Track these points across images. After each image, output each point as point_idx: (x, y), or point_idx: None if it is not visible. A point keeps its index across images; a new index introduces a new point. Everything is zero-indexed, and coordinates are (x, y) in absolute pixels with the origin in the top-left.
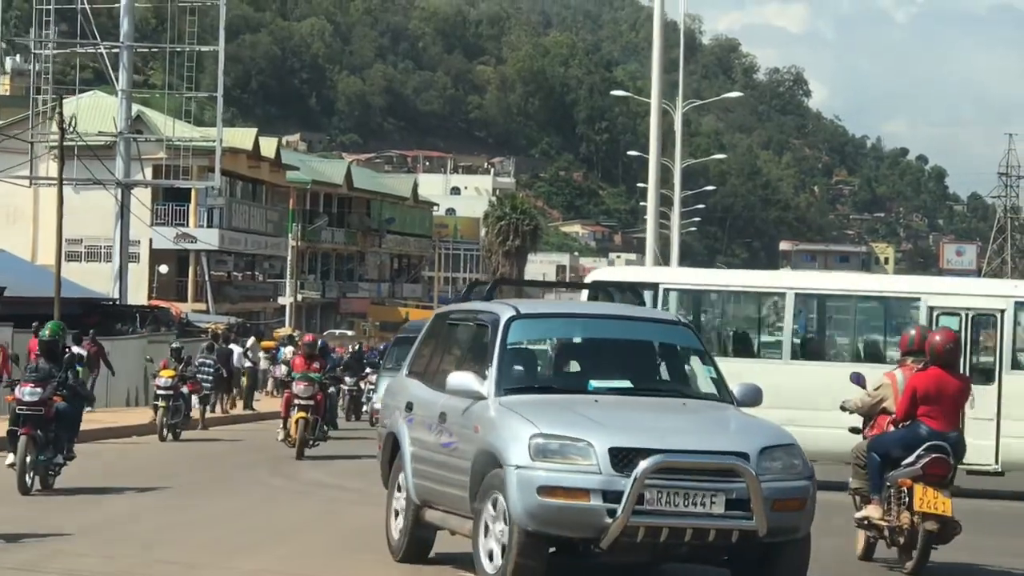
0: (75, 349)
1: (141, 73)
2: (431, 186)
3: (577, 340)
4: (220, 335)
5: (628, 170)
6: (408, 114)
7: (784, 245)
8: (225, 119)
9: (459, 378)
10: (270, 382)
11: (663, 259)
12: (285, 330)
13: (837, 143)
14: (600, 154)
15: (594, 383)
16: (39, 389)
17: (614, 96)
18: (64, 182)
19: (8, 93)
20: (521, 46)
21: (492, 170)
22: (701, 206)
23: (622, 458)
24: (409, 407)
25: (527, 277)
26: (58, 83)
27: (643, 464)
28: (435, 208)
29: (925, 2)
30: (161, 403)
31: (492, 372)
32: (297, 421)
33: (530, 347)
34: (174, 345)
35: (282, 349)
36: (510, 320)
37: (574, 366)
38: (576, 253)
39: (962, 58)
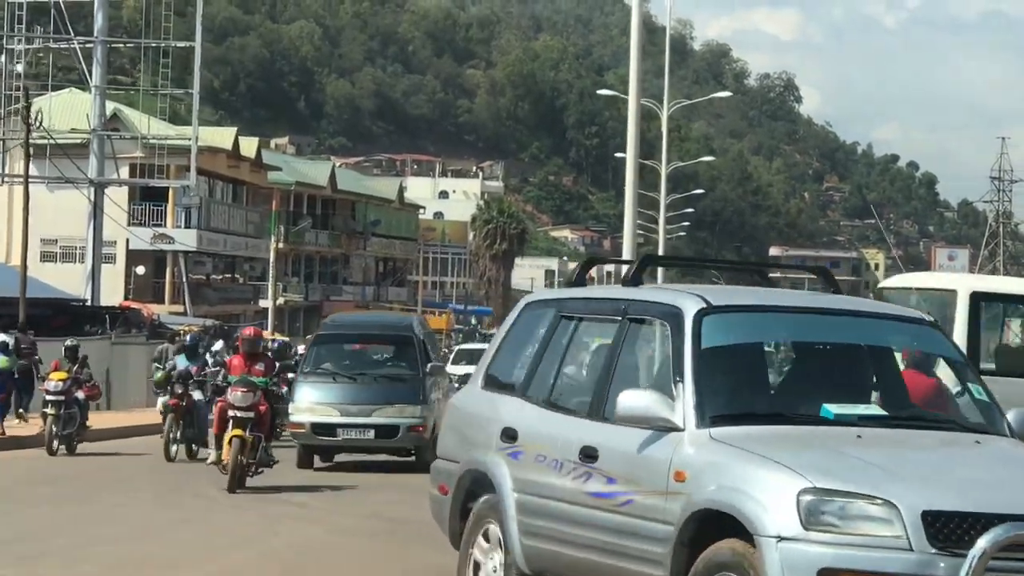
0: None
1: (129, 75)
2: (419, 189)
3: (801, 344)
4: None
5: (617, 174)
6: (397, 118)
7: (774, 250)
8: (212, 121)
9: (635, 400)
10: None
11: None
12: (264, 334)
13: (828, 149)
14: (590, 159)
15: (833, 409)
16: None
17: (604, 100)
18: (36, 180)
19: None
20: (511, 50)
21: (481, 174)
22: (690, 210)
23: (942, 527)
24: (510, 436)
25: (513, 282)
26: (42, 82)
27: (986, 539)
28: (422, 211)
29: (916, 8)
30: (51, 410)
31: (686, 391)
32: (231, 441)
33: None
34: (68, 343)
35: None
36: (700, 315)
37: (795, 382)
38: (565, 258)
39: (953, 64)
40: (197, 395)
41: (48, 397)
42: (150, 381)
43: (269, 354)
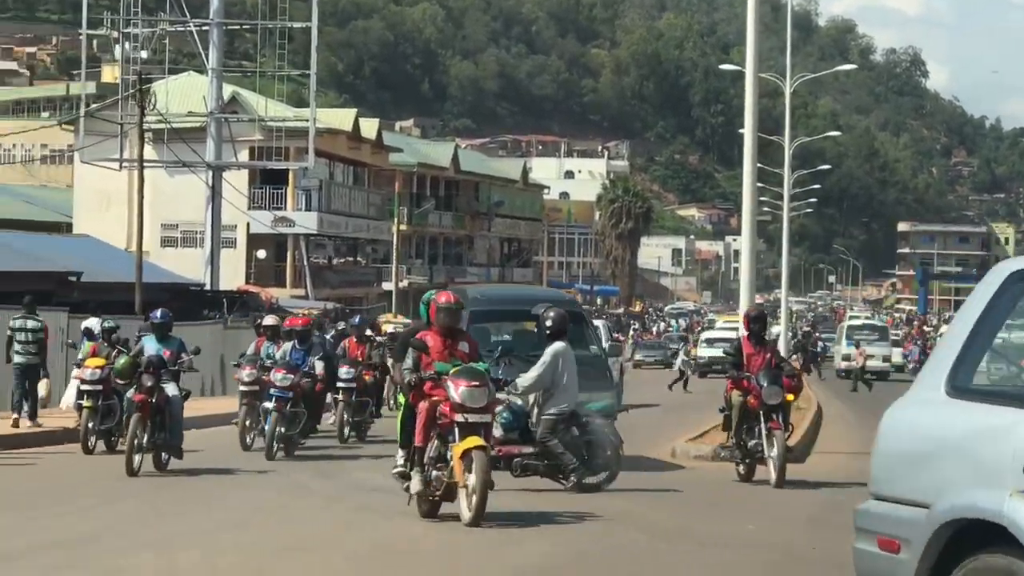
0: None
1: (252, 59)
2: (545, 170)
3: None
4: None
5: (744, 152)
6: (521, 99)
7: (903, 226)
8: (337, 104)
9: None
10: None
11: (774, 241)
12: (387, 317)
13: (955, 124)
14: (716, 137)
15: None
16: None
17: (729, 77)
18: (152, 164)
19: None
20: (635, 29)
21: (606, 154)
22: (817, 186)
23: None
24: None
25: (640, 261)
26: (164, 67)
27: None
28: (546, 191)
29: None
30: (87, 402)
31: None
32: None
33: None
34: (106, 324)
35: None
36: None
37: None
38: (692, 236)
39: None
40: (171, 389)
41: (83, 387)
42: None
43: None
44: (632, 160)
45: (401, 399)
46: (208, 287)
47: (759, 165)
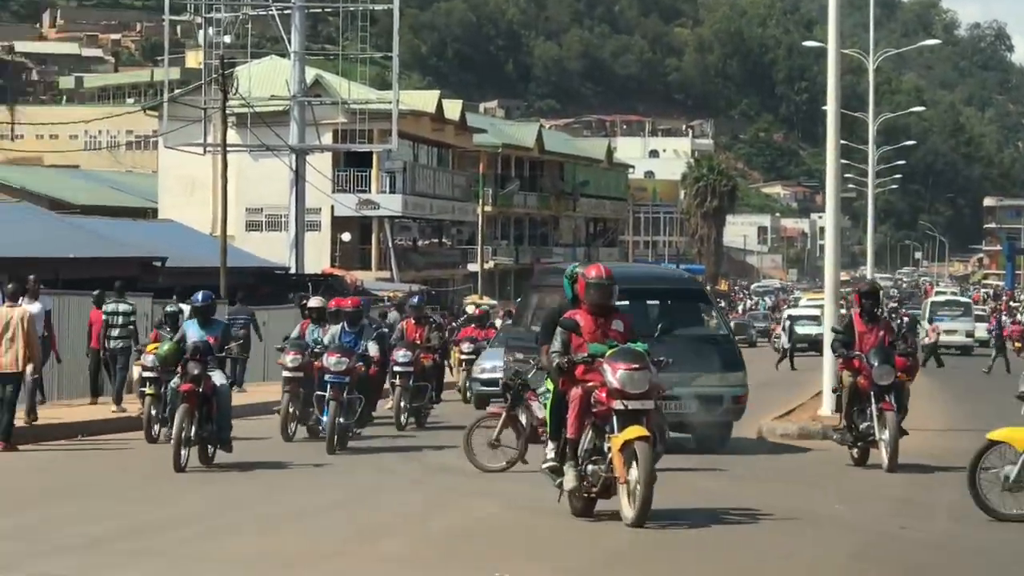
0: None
1: (337, 43)
2: (629, 149)
3: None
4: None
5: (827, 129)
6: (605, 78)
7: (989, 201)
8: (420, 87)
9: None
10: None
11: (860, 218)
12: (472, 298)
13: None
14: (800, 114)
15: None
16: None
17: (813, 55)
18: (235, 148)
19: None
20: (718, 7)
21: (691, 132)
22: (901, 162)
23: None
24: None
25: (725, 240)
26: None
27: None
28: (631, 170)
29: None
30: (149, 390)
31: None
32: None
33: None
34: (168, 308)
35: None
36: None
37: None
38: (778, 214)
39: None
40: (218, 378)
41: (145, 374)
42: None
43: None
44: (716, 138)
45: (549, 385)
46: (293, 271)
47: (843, 142)
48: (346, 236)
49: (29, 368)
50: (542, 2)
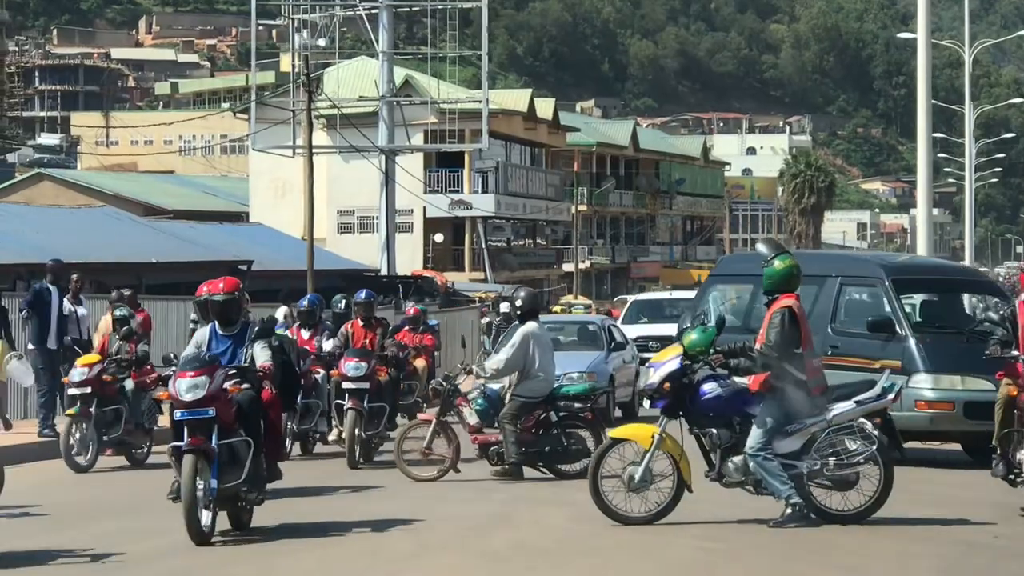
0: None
1: (434, 46)
2: (726, 147)
3: None
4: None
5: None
6: (702, 76)
7: None
8: (517, 87)
9: None
10: None
11: (960, 212)
12: (567, 298)
13: None
14: (899, 109)
15: None
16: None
17: (911, 49)
18: (323, 150)
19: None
20: (814, 3)
21: (788, 129)
22: (1001, 155)
23: None
24: None
25: (824, 236)
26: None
27: None
28: (727, 168)
29: None
30: (71, 411)
31: None
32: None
33: None
34: (116, 312)
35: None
36: None
37: None
38: (877, 210)
39: None
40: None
41: (72, 391)
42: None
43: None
44: (814, 135)
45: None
46: (385, 272)
47: (942, 135)
48: (438, 237)
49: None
50: (637, 1)
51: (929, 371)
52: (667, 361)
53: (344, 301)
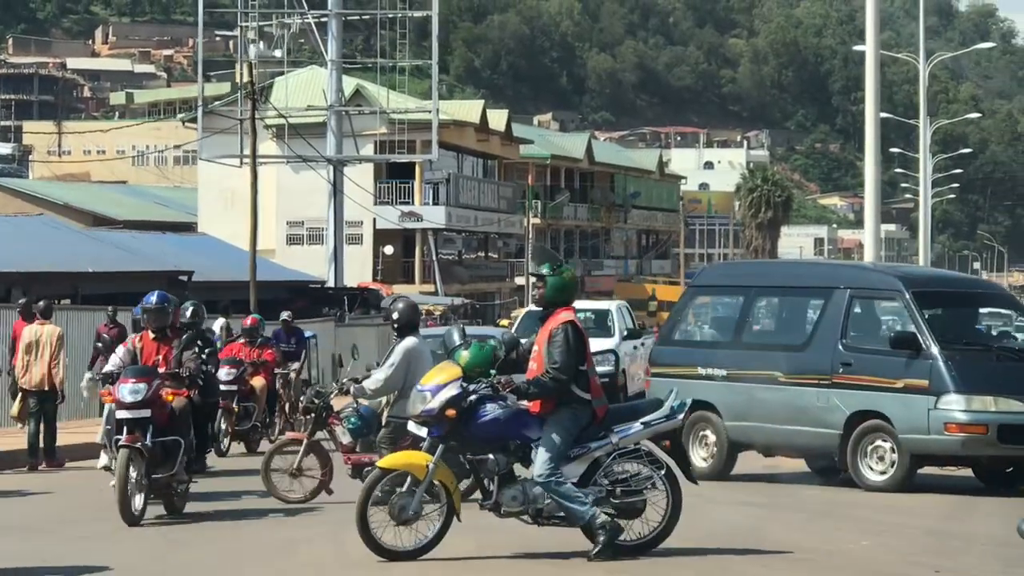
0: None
1: (388, 56)
2: (684, 161)
3: None
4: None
5: (885, 140)
6: (660, 90)
7: None
8: (474, 100)
9: None
10: None
11: (917, 228)
12: (518, 311)
13: None
14: (856, 124)
15: None
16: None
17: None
18: (273, 161)
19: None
20: (773, 17)
21: (746, 144)
22: (959, 171)
23: None
24: None
25: (780, 251)
26: (290, 59)
27: None
28: (684, 181)
29: None
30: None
31: None
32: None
33: None
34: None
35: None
36: None
37: None
38: (835, 225)
39: None
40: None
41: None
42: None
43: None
44: (772, 150)
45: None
46: (332, 284)
47: (900, 151)
48: (388, 249)
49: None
50: (596, 14)
51: (960, 391)
52: (447, 385)
53: (192, 309)
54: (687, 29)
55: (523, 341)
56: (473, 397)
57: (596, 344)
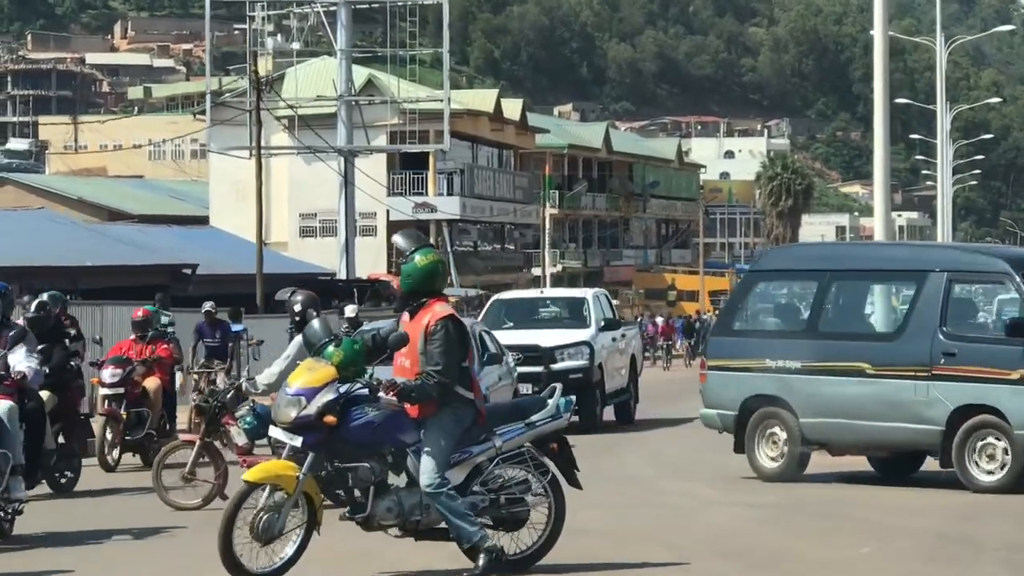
0: None
1: (404, 46)
2: (704, 150)
3: None
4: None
5: (906, 126)
6: (680, 79)
7: None
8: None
9: None
10: None
11: (934, 215)
12: None
13: None
14: None
15: None
16: None
17: (891, 52)
18: (284, 152)
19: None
20: (793, 6)
21: (767, 132)
22: (980, 157)
23: None
24: None
25: (801, 239)
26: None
27: None
28: (703, 170)
29: None
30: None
31: None
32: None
33: None
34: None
35: None
36: None
37: None
38: (856, 213)
39: None
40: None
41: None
42: None
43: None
44: (793, 138)
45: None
46: (344, 276)
47: (920, 137)
48: None
49: None
50: (615, 4)
51: None
52: (322, 388)
53: (38, 303)
54: (707, 18)
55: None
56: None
57: (569, 335)
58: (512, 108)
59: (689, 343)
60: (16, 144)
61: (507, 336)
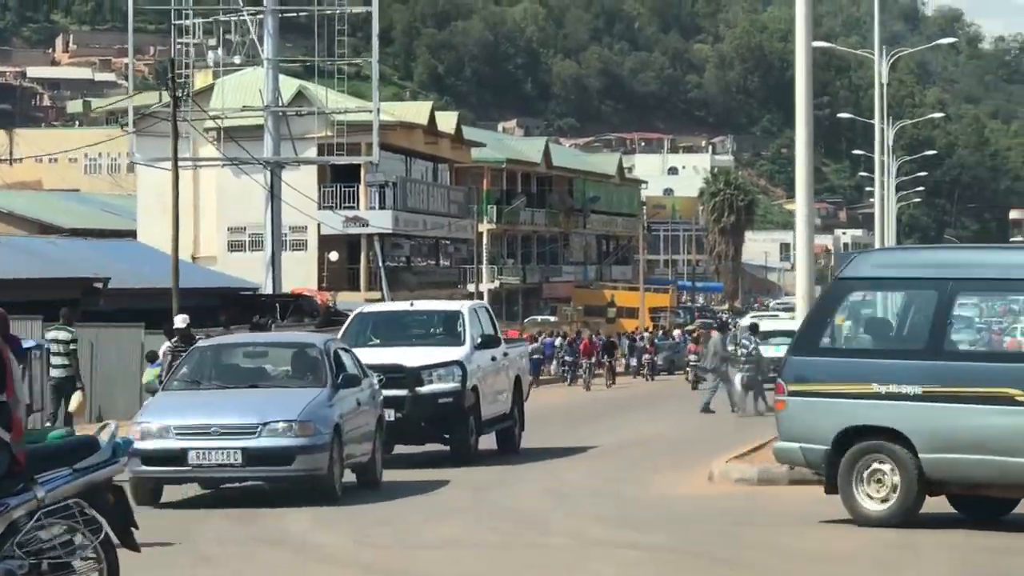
0: None
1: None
2: (649, 166)
3: None
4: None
5: (851, 143)
6: (625, 96)
7: (1015, 214)
8: (438, 106)
9: None
10: None
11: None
12: None
13: None
14: (822, 129)
15: None
16: None
17: (835, 70)
18: (208, 164)
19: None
20: (738, 23)
21: (711, 149)
22: (923, 174)
23: None
24: None
25: (744, 256)
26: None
27: None
28: (645, 185)
29: None
30: None
31: None
32: None
33: None
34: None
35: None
36: None
37: None
38: None
39: None
40: None
41: None
42: None
43: None
44: (738, 155)
45: None
46: (270, 291)
47: (862, 152)
48: (333, 255)
49: None
50: (560, 20)
51: None
52: None
53: None
54: (652, 35)
55: None
56: None
57: (439, 354)
58: (447, 121)
59: (610, 361)
60: None
61: (370, 355)
